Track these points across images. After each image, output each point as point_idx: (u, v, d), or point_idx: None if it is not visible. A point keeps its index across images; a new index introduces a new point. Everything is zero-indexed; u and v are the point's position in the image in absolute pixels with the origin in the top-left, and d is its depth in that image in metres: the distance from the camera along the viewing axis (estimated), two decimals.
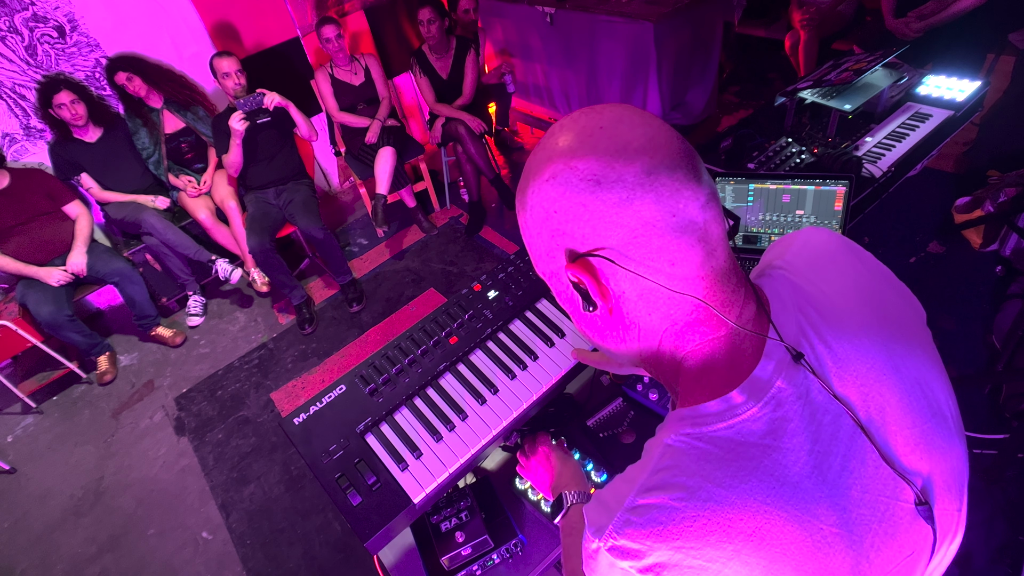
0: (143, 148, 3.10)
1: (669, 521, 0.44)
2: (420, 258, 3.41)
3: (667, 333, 0.51)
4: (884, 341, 0.52)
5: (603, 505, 0.51)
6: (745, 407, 0.47)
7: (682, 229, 0.46)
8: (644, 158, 0.45)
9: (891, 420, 0.49)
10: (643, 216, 0.45)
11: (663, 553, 0.44)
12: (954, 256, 2.51)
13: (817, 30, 3.32)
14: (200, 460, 2.55)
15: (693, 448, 0.47)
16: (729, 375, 0.49)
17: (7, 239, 2.75)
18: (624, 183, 0.45)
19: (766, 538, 0.43)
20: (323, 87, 3.35)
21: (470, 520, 1.10)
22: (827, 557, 0.44)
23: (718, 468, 0.45)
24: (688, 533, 0.44)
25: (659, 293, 0.48)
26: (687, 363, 0.51)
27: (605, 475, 1.18)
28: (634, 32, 3.11)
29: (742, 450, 0.46)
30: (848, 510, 0.46)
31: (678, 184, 0.45)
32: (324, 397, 1.16)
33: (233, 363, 2.99)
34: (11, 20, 2.80)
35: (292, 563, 2.10)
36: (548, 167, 0.48)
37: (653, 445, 0.52)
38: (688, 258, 0.46)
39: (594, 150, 0.46)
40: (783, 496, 0.44)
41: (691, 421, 0.49)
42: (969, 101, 1.96)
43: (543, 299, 1.31)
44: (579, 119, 0.49)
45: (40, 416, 2.96)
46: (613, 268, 0.48)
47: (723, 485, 0.45)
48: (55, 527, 2.41)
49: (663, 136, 0.47)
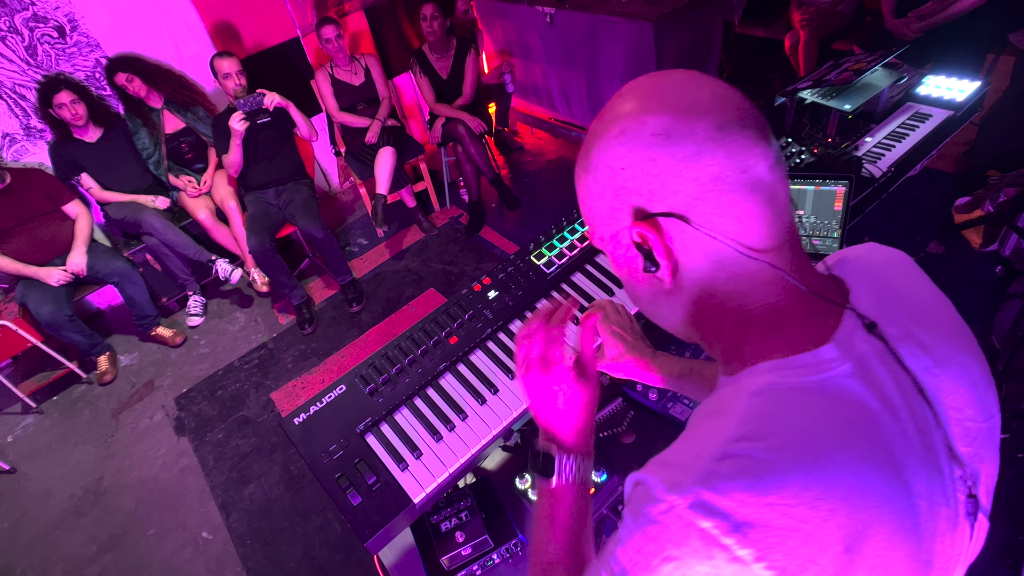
0: (143, 148, 3.10)
1: (763, 473, 0.40)
2: (420, 258, 3.41)
3: (731, 294, 0.49)
4: (952, 336, 0.52)
5: (670, 463, 0.46)
6: (838, 363, 0.45)
7: (752, 187, 0.45)
8: (715, 113, 0.45)
9: (953, 408, 0.49)
10: (713, 171, 0.44)
11: (754, 510, 0.40)
12: (954, 256, 2.51)
13: (817, 30, 3.32)
14: (200, 460, 2.55)
15: (785, 398, 0.45)
16: (806, 334, 0.48)
17: (7, 239, 2.75)
18: (695, 137, 0.44)
19: (863, 500, 0.41)
20: (323, 87, 3.35)
21: (470, 520, 1.10)
22: (916, 528, 0.43)
23: (813, 420, 0.43)
24: (783, 488, 0.40)
25: (726, 252, 0.47)
26: (755, 323, 0.49)
27: (605, 475, 1.18)
28: (634, 32, 3.11)
29: (837, 405, 0.44)
30: (927, 485, 0.44)
31: (749, 141, 0.45)
32: (324, 397, 1.16)
33: (233, 363, 2.99)
34: (11, 20, 2.80)
35: (292, 563, 2.10)
36: (616, 125, 0.47)
37: (730, 397, 0.48)
38: (757, 217, 0.46)
39: (664, 106, 0.46)
40: (880, 458, 0.42)
41: (780, 372, 0.46)
42: (969, 101, 1.96)
43: (543, 299, 1.31)
44: (645, 81, 0.49)
45: (40, 416, 2.96)
46: (680, 227, 0.46)
47: (820, 438, 0.42)
48: (55, 527, 2.41)
49: (732, 95, 0.47)
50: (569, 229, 1.41)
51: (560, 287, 1.34)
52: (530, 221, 3.49)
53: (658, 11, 3.04)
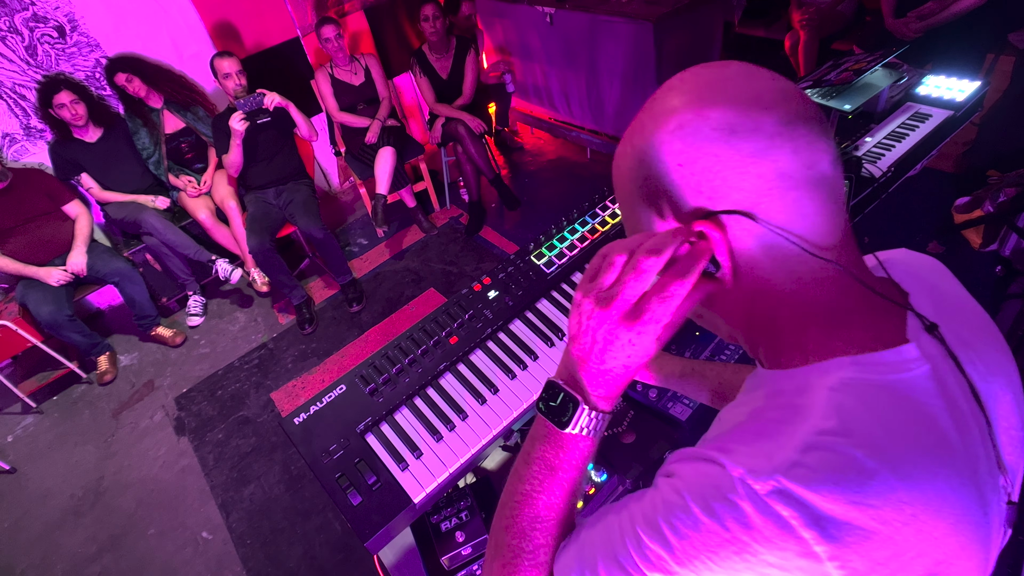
0: (143, 148, 3.10)
1: (849, 469, 0.39)
2: (420, 258, 3.41)
3: (790, 292, 0.47)
4: (993, 344, 0.52)
5: (738, 449, 0.44)
6: (919, 364, 0.44)
7: (817, 184, 0.43)
8: (780, 107, 0.43)
9: (1002, 416, 0.49)
10: (780, 167, 0.42)
11: (837, 507, 0.38)
12: (954, 256, 2.51)
13: (817, 30, 3.32)
14: (200, 460, 2.55)
15: (869, 395, 0.43)
16: (874, 332, 0.46)
17: (7, 239, 2.75)
18: (762, 132, 0.42)
19: (946, 508, 0.40)
20: (323, 87, 3.35)
21: (470, 520, 1.10)
22: (986, 540, 0.42)
23: (898, 421, 0.42)
24: (868, 487, 0.39)
25: (789, 251, 0.45)
26: (816, 320, 0.47)
27: (605, 475, 1.18)
28: (634, 32, 3.11)
29: (919, 407, 0.43)
30: (993, 496, 0.44)
31: (814, 136, 0.43)
32: (324, 397, 1.16)
33: (233, 363, 2.99)
34: (11, 20, 2.80)
35: (292, 563, 2.10)
36: (672, 119, 0.45)
37: (798, 389, 0.46)
38: (820, 214, 0.44)
39: (726, 99, 0.44)
40: (959, 466, 0.41)
41: (860, 368, 0.45)
42: (969, 101, 1.96)
43: (543, 299, 1.31)
44: (699, 72, 0.47)
45: (40, 416, 2.96)
46: (742, 225, 0.44)
47: (906, 440, 0.41)
48: (55, 527, 2.41)
49: (793, 88, 0.45)
50: (569, 229, 1.41)
51: (560, 287, 1.34)
52: (530, 221, 3.49)
53: (658, 11, 3.04)
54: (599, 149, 3.84)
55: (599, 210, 1.44)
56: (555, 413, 0.53)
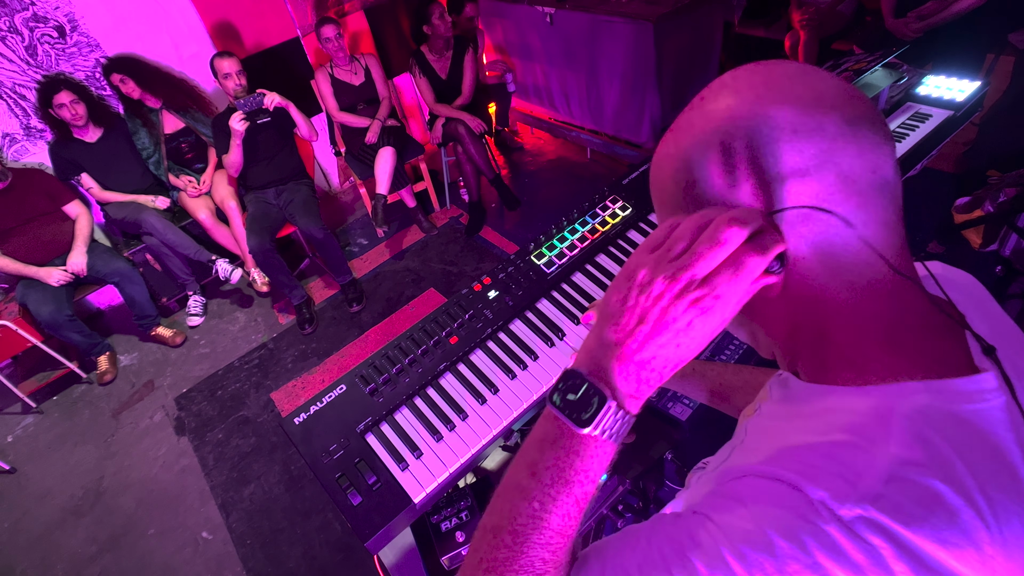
0: (143, 148, 3.10)
1: (936, 505, 0.37)
2: (420, 258, 3.41)
3: (844, 304, 0.44)
4: None
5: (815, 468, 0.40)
6: (996, 395, 0.41)
7: (879, 189, 0.41)
8: (843, 108, 0.41)
9: None
10: (843, 169, 0.41)
11: (926, 543, 0.37)
12: (954, 256, 2.51)
13: (817, 30, 3.32)
14: (200, 460, 2.55)
15: (949, 426, 0.40)
16: (936, 353, 0.44)
17: (7, 239, 2.75)
18: (824, 132, 0.40)
19: (1019, 548, 0.38)
20: (323, 87, 3.35)
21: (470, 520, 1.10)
22: None
23: (981, 458, 0.39)
24: (955, 527, 0.37)
25: (845, 259, 0.42)
26: (871, 334, 0.44)
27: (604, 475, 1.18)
28: (634, 32, 3.11)
29: (998, 443, 0.40)
30: None
31: (878, 138, 0.41)
32: (324, 397, 1.16)
33: (233, 363, 2.99)
34: (11, 20, 2.80)
35: (292, 563, 2.10)
36: (725, 118, 0.43)
37: (862, 412, 0.42)
38: (882, 220, 0.42)
39: (788, 99, 0.42)
40: None
41: (936, 396, 0.42)
42: (969, 101, 1.96)
43: (543, 299, 1.31)
44: (754, 70, 0.45)
45: (40, 416, 2.96)
46: (796, 229, 0.42)
47: (990, 480, 0.38)
48: (55, 527, 2.41)
49: (851, 88, 0.43)
50: (569, 229, 1.41)
51: (561, 287, 1.34)
52: (530, 221, 3.50)
53: (658, 11, 3.04)
54: (599, 149, 3.84)
55: (599, 210, 1.44)
56: (574, 408, 0.44)
